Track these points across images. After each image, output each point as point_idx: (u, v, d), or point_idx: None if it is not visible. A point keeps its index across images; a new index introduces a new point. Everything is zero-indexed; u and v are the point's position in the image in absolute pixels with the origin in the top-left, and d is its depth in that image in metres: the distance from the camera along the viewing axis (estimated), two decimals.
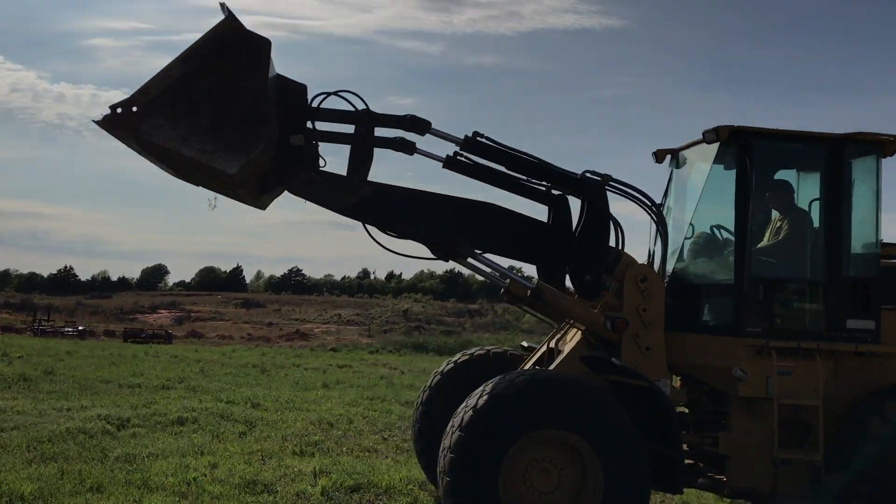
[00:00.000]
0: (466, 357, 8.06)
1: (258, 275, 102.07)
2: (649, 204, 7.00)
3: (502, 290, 7.16)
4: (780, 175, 7.33)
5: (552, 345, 7.30)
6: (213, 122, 5.49)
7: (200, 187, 6.27)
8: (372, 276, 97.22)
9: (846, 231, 6.81)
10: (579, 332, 6.83)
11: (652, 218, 7.09)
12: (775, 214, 7.24)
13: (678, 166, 7.92)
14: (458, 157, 6.68)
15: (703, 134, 6.81)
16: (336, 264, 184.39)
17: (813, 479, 6.38)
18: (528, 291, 6.72)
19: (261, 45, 5.57)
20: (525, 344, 8.36)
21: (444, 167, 6.69)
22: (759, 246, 6.99)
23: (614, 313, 6.55)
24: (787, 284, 6.91)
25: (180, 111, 5.45)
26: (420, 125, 6.51)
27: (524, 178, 6.79)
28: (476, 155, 6.70)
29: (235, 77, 5.52)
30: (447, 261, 6.83)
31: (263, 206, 6.82)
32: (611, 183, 6.83)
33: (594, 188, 6.80)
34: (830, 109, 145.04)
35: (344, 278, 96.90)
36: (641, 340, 6.55)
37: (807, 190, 7.26)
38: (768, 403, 6.43)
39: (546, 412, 5.72)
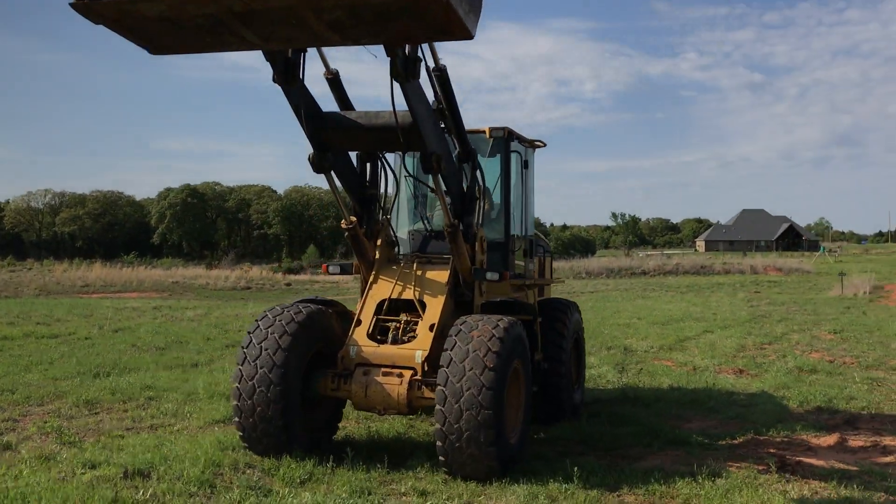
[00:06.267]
0: (304, 314, 7.73)
1: None
2: (482, 186, 8.59)
3: (345, 221, 8.01)
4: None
5: (401, 294, 8.13)
6: None
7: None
8: None
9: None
10: (434, 281, 8.11)
11: (482, 196, 8.64)
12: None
13: None
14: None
15: (491, 130, 9.21)
16: None
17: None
18: (449, 225, 7.78)
19: None
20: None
21: (438, 79, 7.26)
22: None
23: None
24: (518, 241, 9.62)
25: None
26: None
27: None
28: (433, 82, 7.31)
29: None
30: (427, 173, 7.35)
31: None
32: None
33: (475, 155, 8.25)
34: None
35: None
36: (483, 285, 8.54)
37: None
38: None
39: (522, 347, 7.51)
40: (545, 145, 10.25)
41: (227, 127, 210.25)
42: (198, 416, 9.58)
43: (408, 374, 7.48)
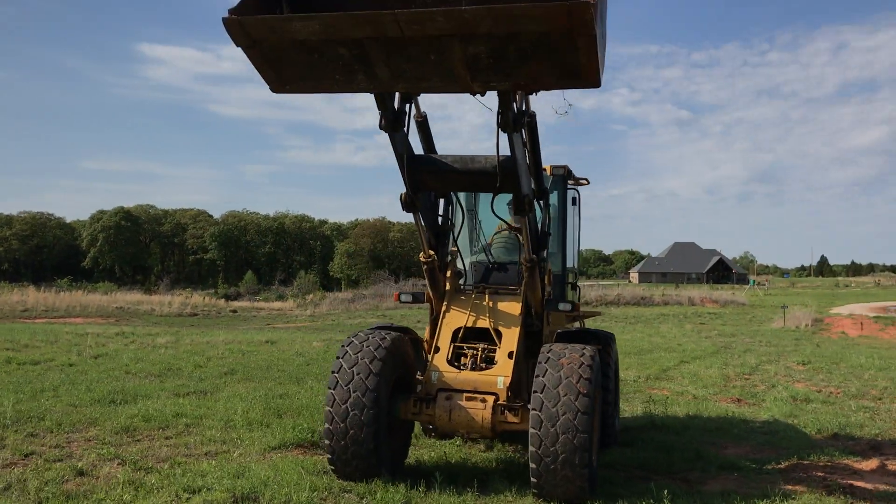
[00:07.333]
0: (388, 340, 7.96)
1: None
2: (549, 221, 9.17)
3: (424, 254, 8.35)
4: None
5: (475, 323, 8.50)
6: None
7: None
8: None
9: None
10: (507, 312, 8.46)
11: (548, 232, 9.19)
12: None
13: None
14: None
15: (553, 168, 9.87)
16: None
17: None
18: (528, 260, 8.13)
19: None
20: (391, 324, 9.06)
21: (528, 125, 7.46)
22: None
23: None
24: (569, 273, 10.34)
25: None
26: None
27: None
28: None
29: None
30: (521, 214, 7.62)
31: None
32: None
33: (548, 194, 8.89)
34: None
35: None
36: (549, 316, 9.07)
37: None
38: None
39: (600, 374, 7.85)
40: (588, 183, 10.77)
41: (158, 148, 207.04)
42: (250, 443, 9.59)
43: (490, 399, 7.78)
